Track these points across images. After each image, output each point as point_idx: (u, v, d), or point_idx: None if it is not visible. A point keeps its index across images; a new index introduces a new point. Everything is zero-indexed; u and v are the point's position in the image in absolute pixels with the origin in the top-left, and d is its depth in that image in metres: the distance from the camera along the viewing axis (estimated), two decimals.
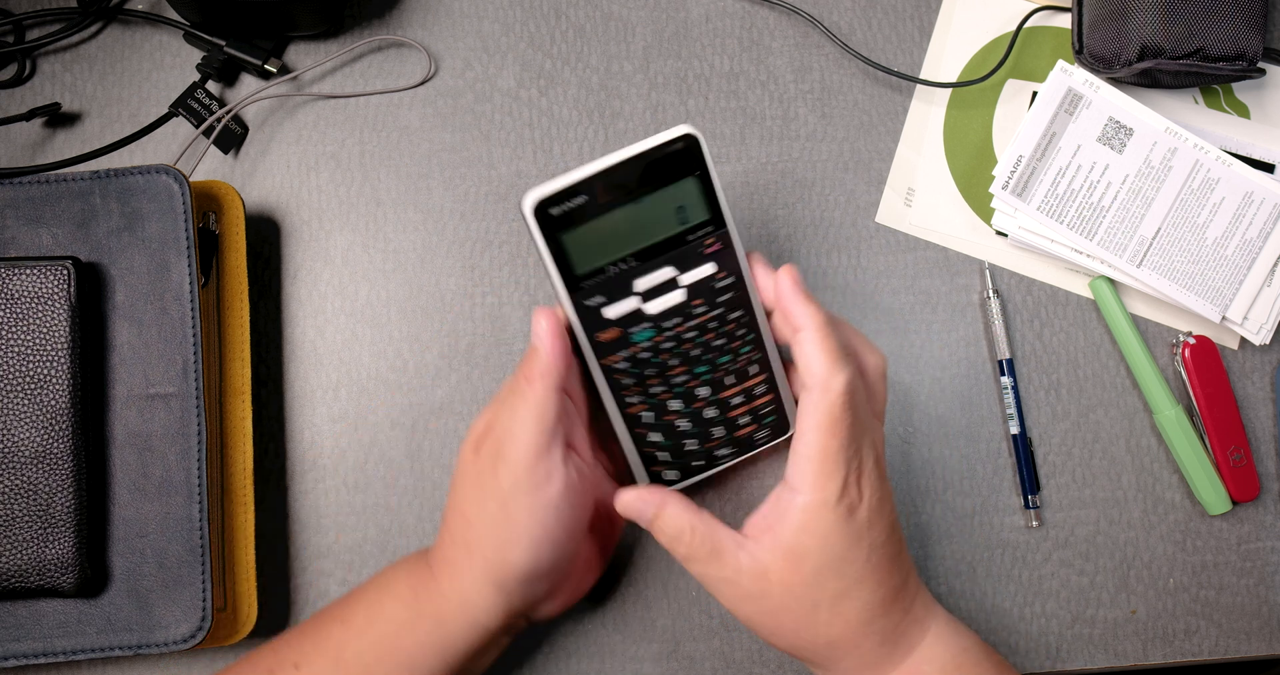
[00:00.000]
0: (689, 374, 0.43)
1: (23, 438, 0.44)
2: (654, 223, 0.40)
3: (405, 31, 0.55)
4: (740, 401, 0.45)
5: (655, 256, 0.41)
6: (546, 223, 0.39)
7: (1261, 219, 0.53)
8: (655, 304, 0.41)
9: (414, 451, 0.52)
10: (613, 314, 0.41)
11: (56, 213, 0.47)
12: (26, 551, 0.44)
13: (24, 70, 0.53)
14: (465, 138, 0.54)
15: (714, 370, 0.43)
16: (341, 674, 0.41)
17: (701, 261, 0.41)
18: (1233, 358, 0.55)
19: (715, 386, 0.44)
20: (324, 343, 0.53)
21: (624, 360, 0.42)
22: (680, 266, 0.41)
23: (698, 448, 0.45)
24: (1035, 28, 0.56)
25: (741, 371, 0.44)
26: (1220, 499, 0.53)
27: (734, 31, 0.56)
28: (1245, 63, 0.52)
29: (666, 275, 0.41)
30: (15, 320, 0.44)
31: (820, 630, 0.41)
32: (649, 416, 0.44)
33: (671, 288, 0.41)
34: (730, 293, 0.42)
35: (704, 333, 0.42)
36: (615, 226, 0.40)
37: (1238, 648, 0.53)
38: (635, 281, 0.41)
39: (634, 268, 0.41)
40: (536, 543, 0.40)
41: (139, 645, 0.45)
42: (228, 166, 0.54)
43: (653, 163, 0.39)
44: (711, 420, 0.45)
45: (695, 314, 0.42)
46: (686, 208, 0.40)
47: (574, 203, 0.39)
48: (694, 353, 0.43)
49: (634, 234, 0.40)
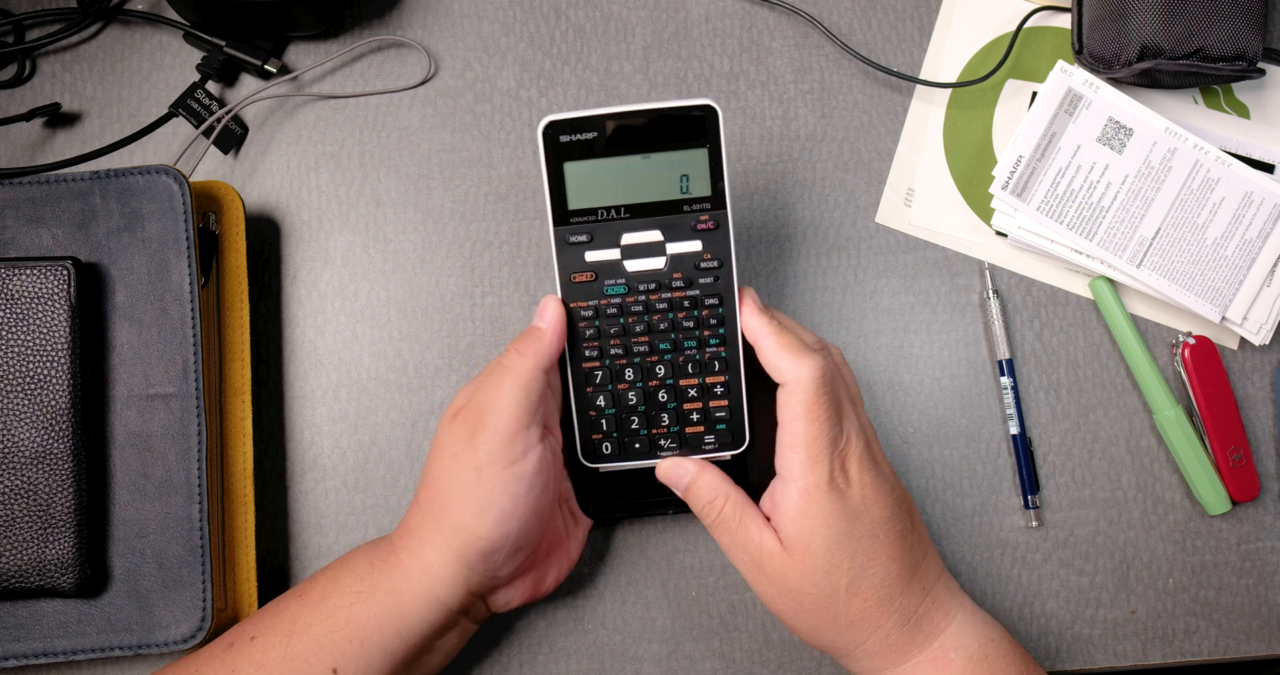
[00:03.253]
0: (650, 347, 0.43)
1: (23, 438, 0.44)
2: (655, 182, 0.41)
3: (405, 31, 0.55)
4: (695, 395, 0.44)
5: (647, 215, 0.42)
6: (553, 148, 0.41)
7: (1261, 219, 0.53)
8: (635, 263, 0.42)
9: (414, 451, 0.52)
10: (591, 257, 0.42)
11: (56, 213, 0.47)
12: (26, 551, 0.44)
13: (24, 70, 0.53)
14: (465, 138, 0.54)
15: (676, 352, 0.43)
16: (293, 645, 0.42)
17: (691, 236, 0.42)
18: (1233, 358, 0.55)
19: (674, 370, 0.43)
20: (324, 343, 0.53)
21: (590, 309, 0.43)
22: (669, 234, 0.42)
23: (640, 429, 0.44)
24: (1035, 28, 0.56)
25: (705, 365, 0.43)
26: (1220, 499, 0.53)
27: (734, 31, 0.56)
28: (1245, 63, 0.52)
29: (653, 238, 0.42)
30: (15, 320, 0.44)
31: (840, 611, 0.42)
32: (601, 375, 0.43)
33: (655, 253, 0.42)
34: (711, 278, 0.42)
35: (675, 310, 0.42)
36: (616, 173, 0.41)
37: (1237, 648, 0.53)
38: (622, 234, 0.42)
39: (624, 221, 0.42)
40: (505, 515, 0.40)
41: (139, 645, 0.45)
42: (228, 166, 0.54)
43: (669, 120, 0.41)
44: (662, 404, 0.44)
45: (672, 287, 0.42)
46: (690, 178, 0.41)
47: (583, 135, 0.41)
48: (661, 326, 0.43)
49: (632, 187, 0.41)
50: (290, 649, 0.42)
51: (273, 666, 0.41)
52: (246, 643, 0.43)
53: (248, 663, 0.42)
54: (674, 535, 0.52)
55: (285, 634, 0.42)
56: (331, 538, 0.51)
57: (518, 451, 0.41)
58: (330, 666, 0.41)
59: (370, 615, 0.42)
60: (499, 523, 0.40)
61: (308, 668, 0.41)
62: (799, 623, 0.43)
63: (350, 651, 0.41)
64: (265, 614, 0.44)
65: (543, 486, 0.41)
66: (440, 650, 0.44)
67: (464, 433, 0.41)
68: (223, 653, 0.43)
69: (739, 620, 0.51)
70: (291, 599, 0.44)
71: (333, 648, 0.41)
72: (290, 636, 0.42)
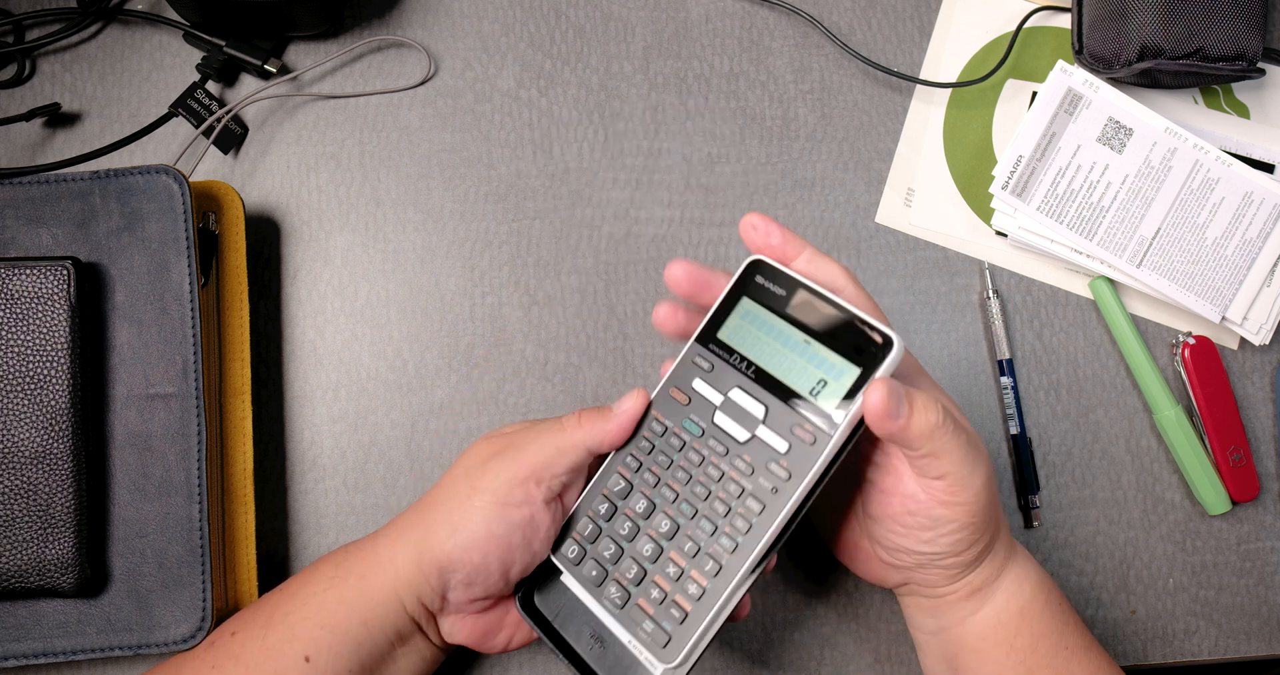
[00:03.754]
0: (675, 497, 0.40)
1: (23, 438, 0.44)
2: (796, 367, 0.39)
3: (405, 31, 0.55)
4: (671, 574, 0.39)
5: (768, 388, 0.39)
6: (747, 280, 0.40)
7: (1261, 219, 0.53)
8: (725, 419, 0.40)
9: (414, 451, 0.52)
10: (698, 386, 0.40)
11: (56, 213, 0.46)
12: (26, 551, 0.44)
13: (24, 70, 0.53)
14: (465, 138, 0.54)
15: (691, 522, 0.39)
16: (270, 635, 0.42)
17: (785, 434, 0.38)
18: (1233, 358, 0.55)
19: (675, 538, 0.39)
20: (324, 343, 0.53)
21: (662, 427, 0.41)
22: (769, 417, 0.39)
23: (609, 557, 0.41)
24: (1035, 28, 0.56)
25: (703, 555, 0.39)
26: (1220, 499, 0.53)
27: (734, 31, 0.56)
28: (1245, 63, 0.52)
29: (755, 410, 0.39)
30: (15, 320, 0.44)
31: (996, 512, 0.42)
32: (620, 487, 0.41)
33: (747, 424, 0.39)
34: (771, 486, 0.38)
35: (722, 485, 0.39)
36: (775, 335, 0.39)
37: (1238, 648, 0.53)
38: (735, 387, 0.40)
39: (747, 377, 0.40)
40: (472, 543, 0.40)
41: (139, 645, 0.45)
42: (228, 166, 0.54)
43: (850, 327, 0.38)
44: (641, 556, 0.40)
45: (738, 463, 0.39)
46: (826, 386, 0.38)
47: (776, 287, 0.40)
48: (696, 488, 0.39)
49: (776, 357, 0.39)
50: (267, 640, 0.42)
51: (250, 659, 0.42)
52: (227, 639, 0.43)
53: (227, 657, 0.42)
54: None
55: (263, 626, 0.42)
56: (331, 538, 0.51)
57: (517, 497, 0.40)
58: (303, 655, 0.41)
59: (340, 601, 0.42)
60: (464, 546, 0.40)
61: (282, 657, 0.41)
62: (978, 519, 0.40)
63: (321, 638, 0.41)
64: (247, 609, 0.44)
65: (521, 541, 0.41)
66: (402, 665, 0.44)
67: (487, 453, 0.42)
68: (204, 651, 0.43)
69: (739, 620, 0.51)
70: (273, 593, 0.44)
71: (305, 635, 0.41)
72: (268, 628, 0.42)
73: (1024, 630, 0.43)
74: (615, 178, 0.55)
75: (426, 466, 0.52)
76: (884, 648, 0.52)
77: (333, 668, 0.41)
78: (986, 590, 0.43)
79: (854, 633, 0.52)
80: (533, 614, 0.42)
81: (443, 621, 0.43)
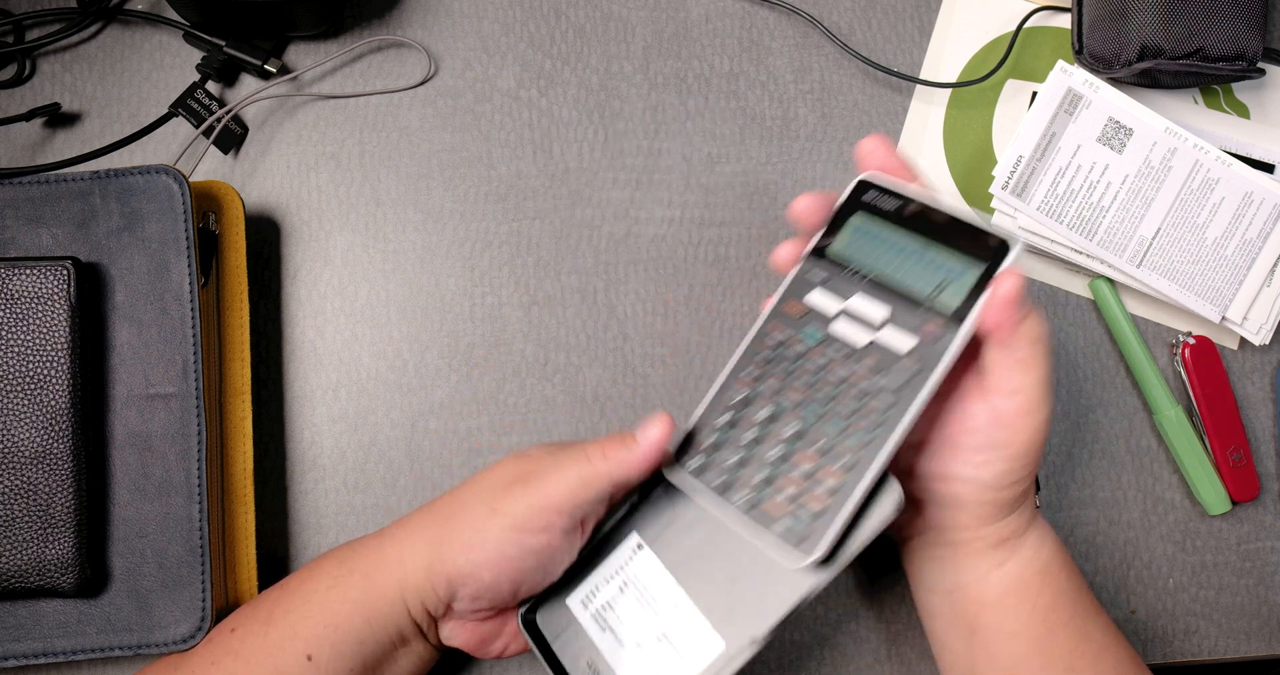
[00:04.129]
0: (799, 406, 0.40)
1: (23, 438, 0.44)
2: (915, 271, 0.40)
3: (405, 31, 0.55)
4: (800, 475, 0.39)
5: (887, 294, 0.40)
6: (855, 198, 0.42)
7: (1261, 219, 0.53)
8: (844, 326, 0.40)
9: (414, 451, 0.52)
10: (812, 298, 0.41)
11: (56, 213, 0.46)
12: (26, 551, 0.44)
13: (24, 70, 0.53)
14: (465, 138, 0.54)
15: (818, 425, 0.39)
16: (271, 633, 0.42)
17: (911, 332, 0.39)
18: (1233, 358, 0.55)
19: (802, 440, 0.39)
20: (324, 343, 0.53)
21: (779, 338, 0.41)
22: (894, 317, 0.39)
23: (734, 464, 0.40)
24: (1035, 28, 0.56)
25: (833, 454, 0.38)
26: (1220, 499, 0.53)
27: (734, 31, 0.56)
28: (1245, 63, 0.52)
29: (875, 314, 0.40)
30: (15, 320, 0.44)
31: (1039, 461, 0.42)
32: (740, 397, 0.41)
33: (867, 328, 0.40)
34: (900, 381, 0.38)
35: (846, 390, 0.39)
36: (890, 244, 0.40)
37: (1238, 648, 0.53)
38: (853, 294, 0.40)
39: (863, 284, 0.40)
40: (486, 563, 0.40)
41: (139, 645, 0.45)
42: (228, 166, 0.54)
43: (967, 233, 0.39)
44: (767, 460, 0.40)
45: (860, 366, 0.39)
46: (947, 286, 0.39)
47: (886, 201, 0.41)
48: (823, 392, 0.39)
49: (892, 263, 0.40)
50: (268, 637, 0.42)
51: (250, 655, 0.41)
52: (227, 636, 0.43)
53: (226, 653, 0.42)
54: None
55: (264, 623, 0.42)
56: (331, 538, 0.51)
57: (536, 525, 0.40)
58: (305, 653, 0.41)
59: (344, 599, 0.42)
60: (477, 564, 0.40)
61: (284, 654, 0.41)
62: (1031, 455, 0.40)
63: (323, 636, 0.41)
64: (248, 606, 0.44)
65: (535, 565, 0.41)
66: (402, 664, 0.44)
67: (510, 476, 0.41)
68: (204, 647, 0.43)
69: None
70: (274, 590, 0.44)
71: (307, 633, 0.41)
72: (269, 624, 0.42)
73: (1046, 589, 0.43)
74: (615, 178, 0.55)
75: (426, 466, 0.52)
76: (884, 648, 0.52)
77: (334, 666, 0.41)
78: (1014, 543, 0.42)
79: (854, 633, 0.52)
80: (534, 632, 0.42)
81: (443, 626, 0.43)
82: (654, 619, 0.40)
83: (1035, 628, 0.42)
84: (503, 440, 0.52)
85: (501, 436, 0.52)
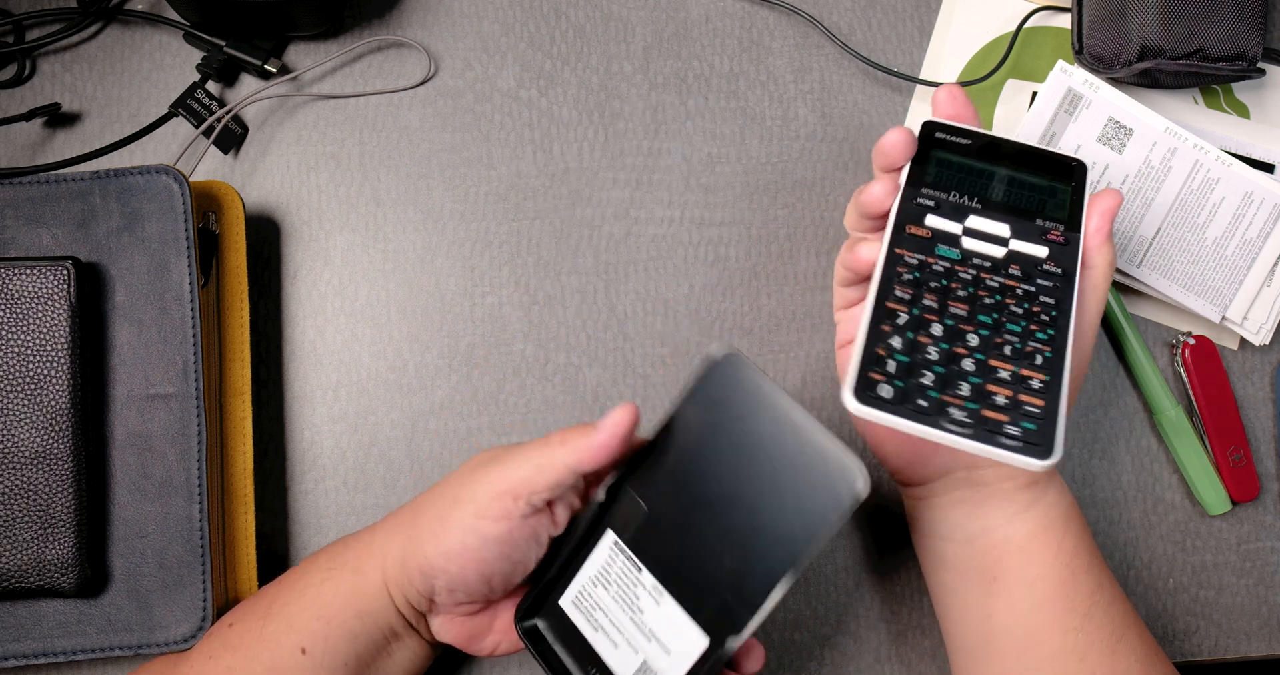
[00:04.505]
0: (968, 315, 0.40)
1: (23, 438, 0.44)
2: (1015, 191, 0.43)
3: (405, 31, 0.55)
4: (1006, 379, 0.38)
5: (1000, 212, 0.42)
6: (928, 138, 0.44)
7: (1261, 219, 0.53)
8: (974, 243, 0.42)
9: (413, 451, 0.52)
10: (932, 221, 0.42)
11: (56, 213, 0.47)
12: (26, 551, 0.44)
13: (24, 70, 0.53)
14: (465, 138, 0.54)
15: (995, 332, 0.39)
16: (268, 626, 0.42)
17: (1039, 242, 0.42)
18: (1233, 358, 0.55)
19: (987, 347, 0.39)
20: (324, 343, 0.53)
21: (915, 260, 0.41)
22: (1016, 232, 0.42)
23: (932, 384, 0.38)
24: (1035, 28, 0.56)
25: (1025, 354, 0.39)
26: (1220, 499, 0.53)
27: (734, 31, 0.56)
28: (1245, 63, 0.52)
29: (999, 230, 0.42)
30: (15, 320, 0.44)
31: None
32: (904, 319, 0.39)
33: (997, 243, 0.42)
34: (1052, 283, 0.41)
35: (1006, 296, 0.40)
36: (982, 172, 0.43)
37: (1238, 648, 0.53)
38: (969, 216, 0.42)
39: (974, 208, 0.43)
40: (452, 554, 0.40)
41: (139, 645, 0.45)
42: (228, 166, 0.54)
43: (1043, 158, 0.44)
44: (964, 372, 0.38)
45: (1008, 275, 0.41)
46: (1049, 202, 0.43)
47: (958, 139, 0.44)
48: (986, 301, 0.40)
49: (992, 188, 0.43)
50: (264, 631, 0.42)
51: (247, 649, 0.42)
52: (225, 630, 0.43)
53: (224, 648, 0.42)
54: None
55: (261, 617, 0.42)
56: (331, 538, 0.51)
57: (494, 511, 0.39)
58: (299, 646, 0.41)
59: (335, 592, 0.42)
60: (443, 554, 0.40)
61: (279, 648, 0.41)
62: None
63: (316, 630, 0.41)
64: (246, 601, 0.44)
65: (499, 554, 0.40)
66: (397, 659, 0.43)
67: (476, 464, 0.41)
68: (203, 642, 0.44)
69: None
70: (272, 585, 0.44)
71: (301, 626, 0.41)
72: (266, 618, 0.42)
73: (1069, 533, 0.43)
74: (615, 178, 0.55)
75: (426, 466, 0.52)
76: (884, 648, 0.52)
77: (328, 660, 0.41)
78: (1042, 485, 0.43)
79: (854, 633, 0.52)
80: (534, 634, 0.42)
81: (432, 620, 0.44)
82: (639, 618, 0.40)
83: (1059, 572, 0.42)
84: (503, 440, 0.52)
85: (501, 436, 0.52)
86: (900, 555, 0.52)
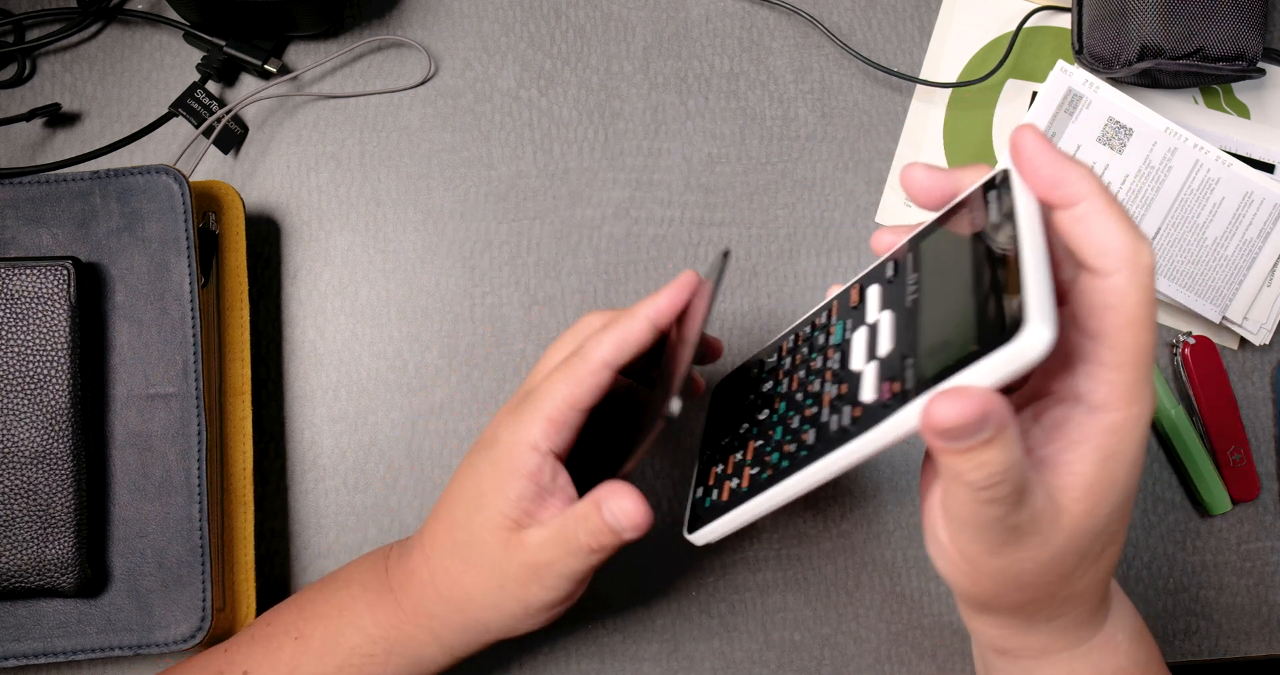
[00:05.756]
0: (786, 394, 0.38)
1: (23, 438, 0.44)
2: (940, 315, 0.31)
3: (405, 31, 0.55)
4: (742, 459, 0.38)
5: (906, 328, 0.32)
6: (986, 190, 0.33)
7: (1261, 219, 0.53)
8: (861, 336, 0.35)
9: (414, 452, 0.52)
10: (872, 293, 0.36)
11: (56, 213, 0.46)
12: (26, 551, 0.44)
13: (24, 70, 0.53)
14: (465, 138, 0.54)
15: (783, 416, 0.37)
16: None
17: (876, 385, 0.32)
18: (1233, 358, 0.55)
19: (771, 425, 0.37)
20: (324, 343, 0.53)
21: (823, 321, 0.39)
22: (885, 360, 0.32)
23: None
24: (1035, 28, 0.56)
25: (764, 452, 0.36)
26: (1220, 499, 0.53)
27: (734, 31, 0.56)
28: (1245, 63, 0.52)
29: (882, 343, 0.33)
30: (15, 320, 0.44)
31: (1073, 584, 0.33)
32: (771, 362, 0.40)
33: (870, 352, 0.33)
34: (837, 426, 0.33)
35: (811, 401, 0.35)
36: (947, 268, 0.32)
37: (1238, 648, 0.53)
38: (889, 309, 0.34)
39: (906, 302, 0.33)
40: (515, 615, 0.40)
41: (139, 645, 0.45)
42: (228, 166, 0.54)
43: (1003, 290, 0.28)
44: (761, 425, 0.38)
45: (831, 386, 0.35)
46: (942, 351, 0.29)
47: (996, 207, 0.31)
48: (798, 395, 0.37)
49: (935, 292, 0.32)
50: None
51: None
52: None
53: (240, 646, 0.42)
54: (675, 533, 0.52)
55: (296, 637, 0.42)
56: (331, 538, 0.51)
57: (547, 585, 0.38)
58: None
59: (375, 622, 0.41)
60: (510, 626, 0.40)
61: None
62: (1005, 597, 0.32)
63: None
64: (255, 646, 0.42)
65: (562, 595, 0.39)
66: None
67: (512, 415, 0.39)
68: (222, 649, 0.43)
69: (739, 620, 0.51)
70: (287, 640, 0.42)
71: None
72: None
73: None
74: (615, 178, 0.55)
75: (426, 466, 0.52)
76: (884, 648, 0.52)
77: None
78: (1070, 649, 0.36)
79: (854, 633, 0.52)
80: None
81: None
82: None
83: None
84: None
85: None
86: (901, 554, 0.52)
